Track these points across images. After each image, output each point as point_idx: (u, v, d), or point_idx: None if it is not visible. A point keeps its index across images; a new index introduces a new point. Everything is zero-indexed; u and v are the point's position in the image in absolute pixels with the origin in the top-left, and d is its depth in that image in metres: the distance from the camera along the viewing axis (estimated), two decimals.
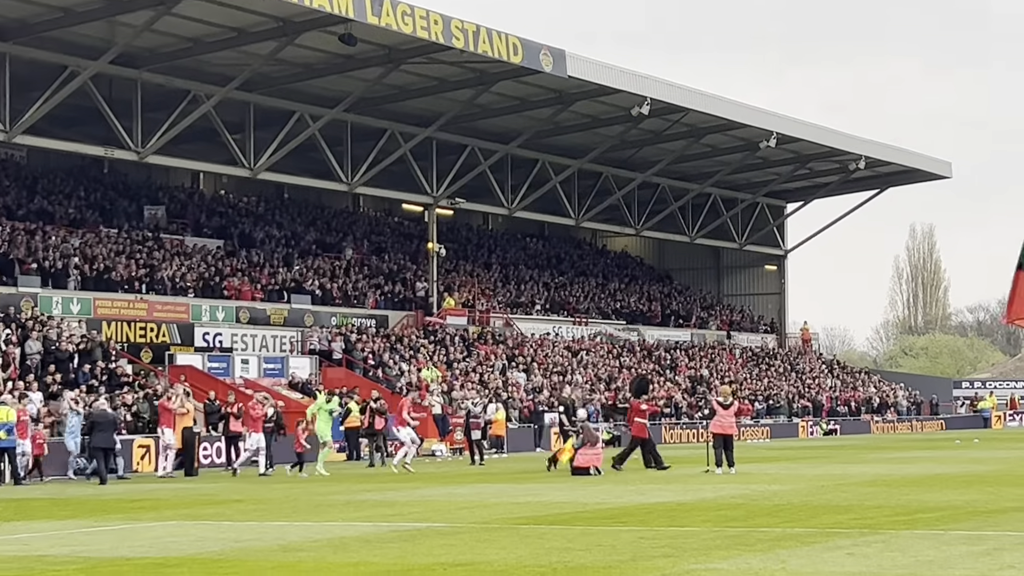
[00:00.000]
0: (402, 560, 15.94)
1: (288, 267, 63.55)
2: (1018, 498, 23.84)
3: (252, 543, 18.47)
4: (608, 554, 16.09)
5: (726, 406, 34.61)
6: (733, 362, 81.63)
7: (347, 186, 63.38)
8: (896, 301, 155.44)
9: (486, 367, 62.24)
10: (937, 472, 33.32)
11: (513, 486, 30.61)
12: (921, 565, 14.47)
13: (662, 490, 28.05)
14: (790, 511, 22.14)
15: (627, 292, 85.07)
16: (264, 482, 35.02)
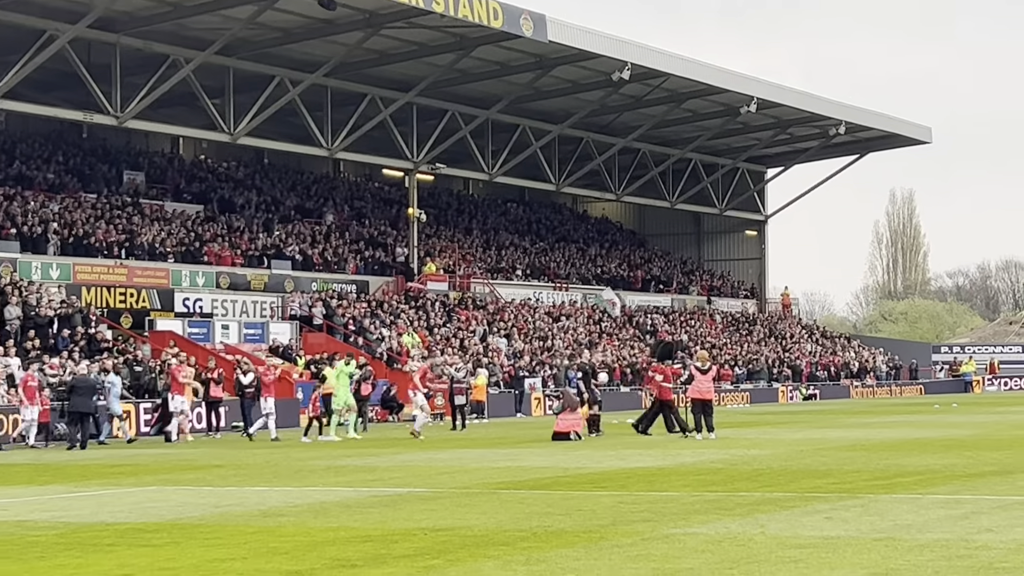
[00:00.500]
0: (383, 525, 15.97)
1: (268, 232, 63.44)
2: (996, 462, 23.96)
3: (232, 508, 18.47)
4: (588, 518, 16.13)
5: (704, 371, 34.66)
6: (713, 327, 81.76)
7: (327, 151, 63.23)
8: (876, 266, 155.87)
9: (467, 332, 62.26)
10: (916, 436, 33.44)
11: (494, 451, 30.66)
12: (899, 528, 14.53)
13: (642, 455, 28.12)
14: (769, 476, 22.21)
15: (608, 257, 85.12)
16: (245, 447, 34.99)
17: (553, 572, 11.94)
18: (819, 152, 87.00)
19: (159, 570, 12.63)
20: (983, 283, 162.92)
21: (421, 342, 56.97)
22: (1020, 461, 24.00)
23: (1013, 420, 42.15)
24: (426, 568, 12.38)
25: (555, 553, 13.16)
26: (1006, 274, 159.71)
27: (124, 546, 14.55)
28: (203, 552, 13.87)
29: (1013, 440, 31.03)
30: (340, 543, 14.33)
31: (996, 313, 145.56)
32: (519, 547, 13.68)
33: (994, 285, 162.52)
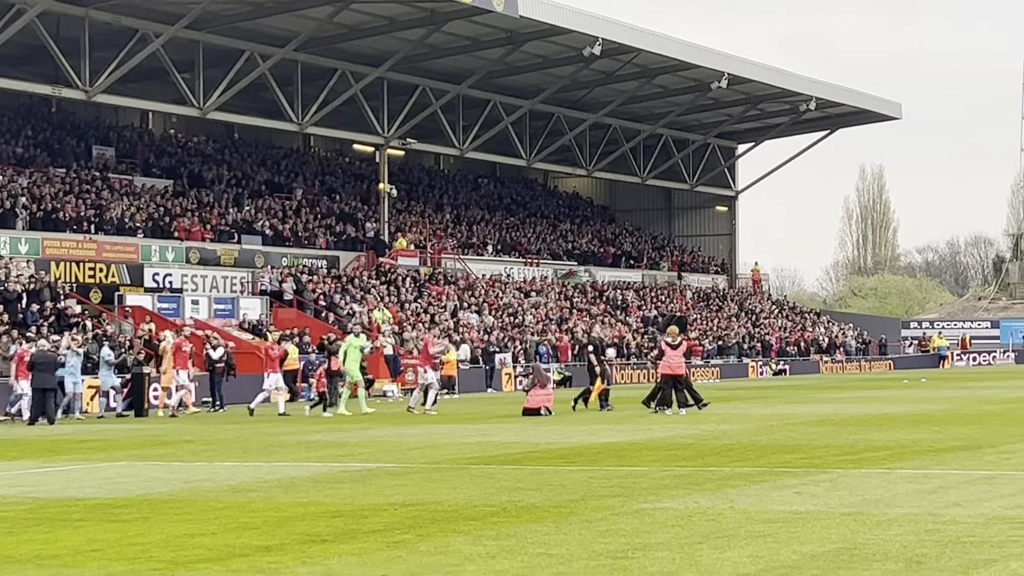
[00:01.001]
0: (352, 500, 15.96)
1: (238, 207, 63.27)
2: (964, 437, 24.07)
3: (202, 483, 18.44)
4: (558, 493, 16.15)
5: (675, 346, 34.71)
6: (684, 303, 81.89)
7: (297, 126, 63.07)
8: (846, 242, 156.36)
9: (438, 308, 62.23)
10: (884, 412, 33.57)
11: (464, 427, 30.66)
12: (868, 503, 14.59)
13: (612, 430, 28.17)
14: (739, 451, 22.27)
15: (578, 233, 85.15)
16: (215, 422, 34.92)
17: (523, 547, 11.95)
18: (789, 128, 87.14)
19: (128, 545, 12.60)
20: (952, 259, 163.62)
21: (392, 317, 56.92)
22: (988, 436, 24.12)
23: (981, 395, 42.34)
24: (396, 543, 12.38)
25: (525, 528, 13.18)
26: (975, 250, 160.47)
27: (93, 521, 14.51)
28: (173, 527, 13.84)
29: (981, 415, 31.17)
30: (310, 518, 14.33)
31: (965, 289, 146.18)
32: (489, 522, 13.69)
33: (963, 261, 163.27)
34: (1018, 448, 21.39)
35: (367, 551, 11.95)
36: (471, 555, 11.56)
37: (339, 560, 11.48)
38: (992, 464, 18.91)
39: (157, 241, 56.06)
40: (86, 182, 57.97)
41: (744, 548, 11.59)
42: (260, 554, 11.93)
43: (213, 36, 57.61)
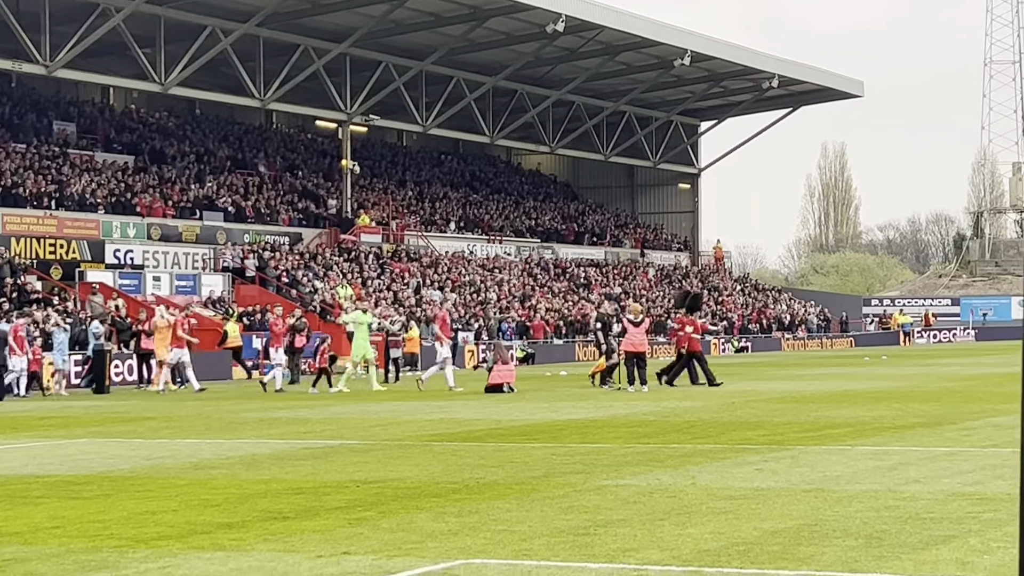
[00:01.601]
0: (315, 477, 15.96)
1: (200, 184, 63.00)
2: (924, 414, 24.21)
3: (164, 460, 18.40)
4: (521, 470, 16.18)
5: (637, 324, 34.77)
6: (646, 280, 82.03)
7: (260, 102, 62.83)
8: (808, 219, 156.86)
9: (400, 285, 62.16)
10: (845, 389, 33.73)
11: (427, 404, 30.66)
12: (828, 480, 14.67)
13: (575, 407, 28.22)
14: (701, 427, 22.35)
15: (541, 210, 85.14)
16: (177, 399, 34.81)
17: (485, 524, 11.97)
18: (752, 105, 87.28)
19: (90, 523, 12.57)
20: (913, 236, 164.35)
21: (355, 294, 56.79)
22: (948, 413, 24.26)
23: (941, 372, 42.59)
24: (358, 520, 12.38)
25: (487, 505, 13.20)
26: (936, 227, 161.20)
27: (54, 498, 14.46)
28: (134, 504, 13.81)
29: (941, 392, 31.35)
30: (272, 495, 14.32)
31: (926, 266, 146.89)
32: (451, 499, 13.71)
33: (924, 238, 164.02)
34: (977, 425, 21.53)
35: (329, 528, 11.95)
36: (433, 532, 11.58)
37: (301, 537, 11.48)
38: (952, 441, 19.03)
39: (118, 217, 55.76)
40: (47, 158, 57.62)
41: (705, 524, 11.64)
42: (222, 531, 11.92)
43: (174, 11, 57.28)
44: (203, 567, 10.18)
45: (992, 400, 27.32)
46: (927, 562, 9.71)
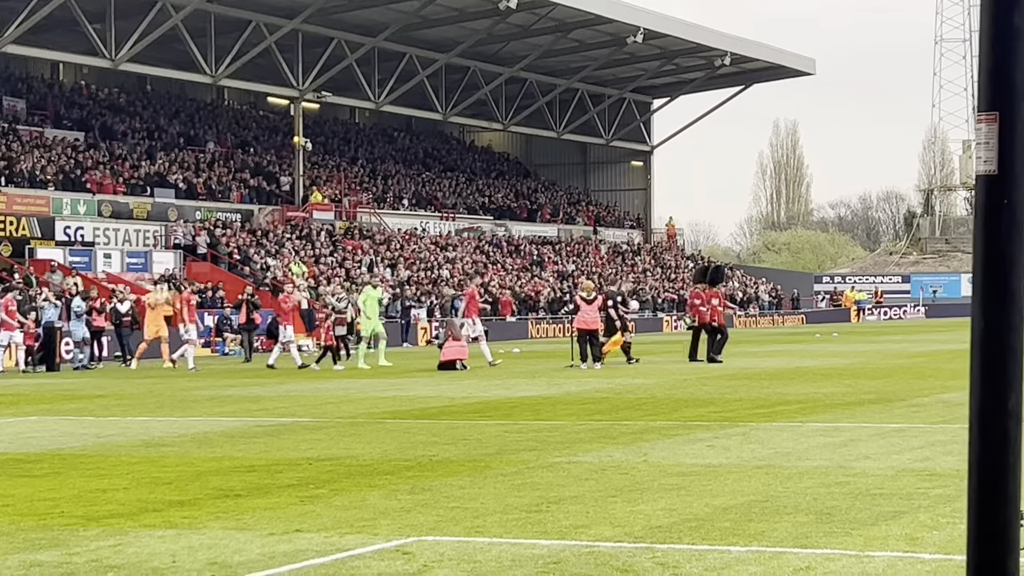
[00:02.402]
0: (267, 454, 15.92)
1: (151, 160, 62.65)
2: (874, 390, 24.36)
3: (115, 438, 18.32)
4: (473, 448, 16.19)
5: (589, 301, 34.85)
6: (599, 257, 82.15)
7: (211, 78, 62.49)
8: (760, 197, 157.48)
9: (353, 263, 62.04)
10: (797, 366, 33.90)
11: (379, 381, 30.64)
12: (779, 456, 14.74)
13: (528, 384, 28.26)
14: (653, 404, 22.42)
15: (494, 187, 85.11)
16: (128, 377, 34.66)
17: (437, 501, 11.97)
18: (705, 83, 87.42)
19: (40, 501, 12.50)
20: (864, 214, 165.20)
21: (307, 271, 56.70)
22: (898, 389, 24.42)
23: (891, 349, 42.85)
24: (310, 498, 12.37)
25: (440, 482, 13.21)
26: (887, 205, 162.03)
27: (3, 477, 14.38)
28: (85, 483, 13.74)
29: (891, 369, 31.56)
30: (224, 473, 14.28)
31: (877, 243, 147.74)
32: (404, 476, 13.71)
33: (875, 216, 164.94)
34: (927, 402, 21.68)
35: (281, 506, 11.93)
36: (386, 510, 11.58)
37: (252, 515, 11.45)
38: (901, 417, 19.15)
39: (69, 194, 55.41)
40: None
41: (657, 501, 11.67)
42: (173, 509, 11.88)
43: None
44: (154, 545, 10.14)
45: (941, 377, 27.51)
46: (877, 538, 9.77)
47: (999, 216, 2.78)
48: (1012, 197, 2.78)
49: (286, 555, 9.65)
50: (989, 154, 2.79)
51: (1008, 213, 2.78)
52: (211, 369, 37.46)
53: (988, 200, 2.80)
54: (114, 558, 9.68)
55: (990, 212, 2.81)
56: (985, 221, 2.80)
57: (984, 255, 2.81)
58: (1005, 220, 2.77)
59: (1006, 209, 2.77)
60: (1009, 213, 2.78)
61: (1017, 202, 2.78)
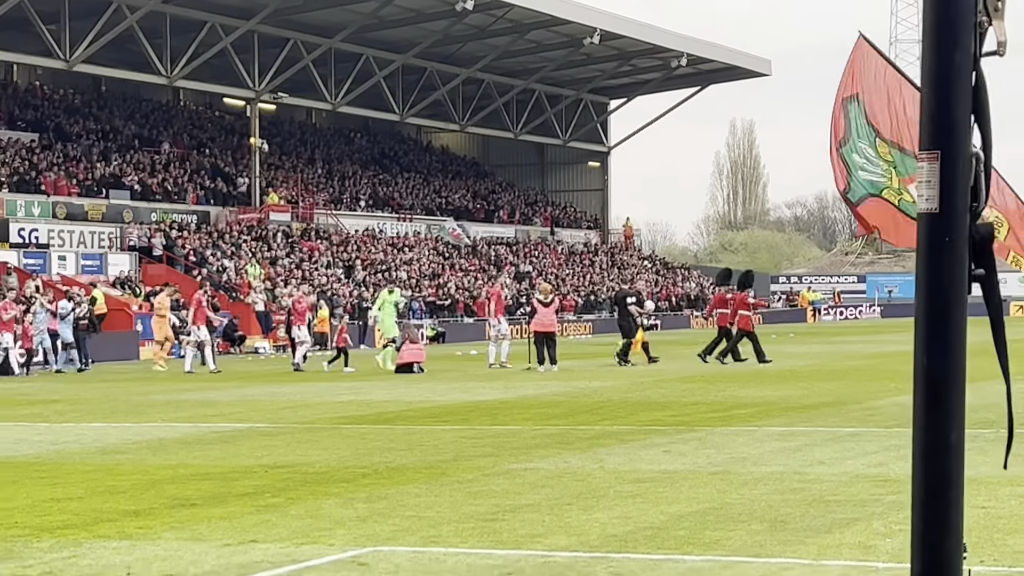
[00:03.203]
0: (223, 462, 15.89)
1: (106, 162, 62.35)
2: (829, 393, 24.49)
3: (70, 445, 18.25)
4: (430, 453, 16.21)
5: (546, 304, 34.91)
6: (556, 258, 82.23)
7: (167, 79, 62.21)
8: (717, 197, 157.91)
9: (310, 264, 61.90)
10: (752, 368, 34.02)
11: (337, 385, 30.61)
12: (735, 462, 14.81)
13: (485, 388, 28.28)
14: (610, 408, 22.48)
15: (451, 188, 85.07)
16: (83, 381, 34.49)
17: (394, 509, 11.98)
18: (661, 84, 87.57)
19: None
20: (821, 214, 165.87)
21: (263, 273, 56.56)
22: (853, 392, 24.56)
23: (847, 350, 43.07)
24: (266, 507, 12.36)
25: (396, 490, 13.22)
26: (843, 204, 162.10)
27: None
28: (39, 491, 13.68)
29: (847, 370, 31.74)
30: (179, 481, 14.25)
31: (833, 244, 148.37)
32: (360, 484, 13.71)
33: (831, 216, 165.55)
34: (881, 404, 21.82)
35: (236, 515, 11.91)
36: (342, 519, 11.58)
37: (208, 525, 11.44)
38: (856, 420, 19.27)
39: (23, 196, 55.06)
40: None
41: (613, 509, 11.71)
42: (128, 519, 11.85)
43: None
44: (109, 556, 10.12)
45: (896, 379, 27.65)
46: (831, 546, 9.84)
47: (941, 254, 2.82)
48: (954, 235, 2.81)
49: (241, 567, 9.65)
50: (931, 192, 2.83)
51: (950, 251, 2.81)
52: (167, 372, 37.31)
53: (930, 238, 2.84)
54: (68, 570, 9.65)
55: (932, 250, 2.84)
56: (927, 259, 2.84)
57: (926, 292, 2.84)
58: (947, 258, 2.81)
59: (947, 247, 2.81)
60: (951, 251, 2.81)
61: (958, 240, 2.82)
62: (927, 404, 2.84)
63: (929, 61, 2.82)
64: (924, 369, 2.83)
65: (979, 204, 2.84)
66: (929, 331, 2.84)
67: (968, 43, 2.81)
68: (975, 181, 2.84)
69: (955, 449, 2.78)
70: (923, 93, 2.85)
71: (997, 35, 2.92)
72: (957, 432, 2.79)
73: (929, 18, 2.82)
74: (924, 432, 2.86)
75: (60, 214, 55.80)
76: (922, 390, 2.86)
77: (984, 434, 16.05)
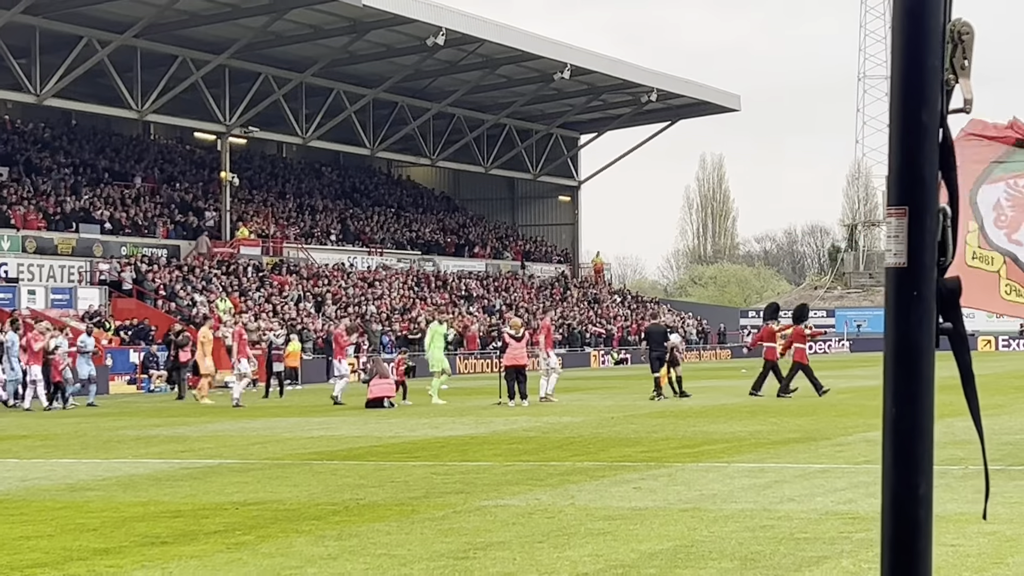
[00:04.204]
0: (193, 499, 15.84)
1: (77, 196, 62.23)
2: (799, 428, 24.54)
3: (39, 482, 18.16)
4: (401, 490, 16.19)
5: (517, 338, 34.95)
6: (527, 292, 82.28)
7: (137, 113, 62.20)
8: (686, 231, 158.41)
9: (280, 298, 61.84)
10: (723, 403, 34.09)
11: (307, 420, 30.55)
12: (705, 499, 14.83)
13: (455, 423, 28.27)
14: (580, 444, 22.49)
15: (422, 222, 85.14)
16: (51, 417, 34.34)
17: (365, 547, 11.97)
18: (631, 119, 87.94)
19: None
20: (790, 248, 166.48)
21: (234, 307, 56.46)
22: (822, 428, 24.62)
23: None
24: (237, 544, 12.32)
25: (368, 527, 13.20)
26: (812, 239, 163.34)
27: None
28: (8, 529, 13.62)
29: (816, 406, 31.79)
30: (150, 519, 14.19)
31: (802, 278, 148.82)
32: (331, 521, 13.69)
33: (800, 250, 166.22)
34: (851, 440, 21.88)
35: (207, 553, 11.88)
36: (312, 557, 11.55)
37: (179, 563, 11.40)
38: (826, 457, 19.32)
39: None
40: None
41: (584, 547, 11.72)
42: (98, 557, 11.80)
43: (50, 21, 56.57)
44: None
45: (865, 414, 27.73)
46: None
47: (909, 308, 2.87)
48: (922, 289, 2.87)
49: None
50: (899, 247, 2.88)
51: (918, 304, 2.86)
52: (137, 407, 37.20)
53: (898, 292, 2.89)
54: None
55: (900, 304, 2.89)
56: (896, 312, 2.89)
57: (895, 345, 2.89)
58: (915, 311, 2.86)
59: (916, 301, 2.86)
60: (919, 304, 2.86)
61: (927, 294, 2.87)
62: (896, 456, 2.89)
63: (896, 119, 2.88)
64: (893, 420, 2.88)
65: (946, 259, 2.90)
66: (898, 383, 2.88)
67: (935, 102, 2.87)
68: (943, 236, 2.90)
69: (924, 500, 2.83)
70: (890, 150, 2.91)
71: (963, 93, 2.98)
72: (926, 483, 2.84)
73: (896, 77, 2.88)
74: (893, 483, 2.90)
75: (30, 248, 55.66)
76: (891, 442, 2.90)
77: (952, 471, 16.13)
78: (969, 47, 2.95)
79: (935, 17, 2.88)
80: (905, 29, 2.88)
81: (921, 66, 2.86)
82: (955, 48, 2.94)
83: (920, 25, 2.86)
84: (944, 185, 2.91)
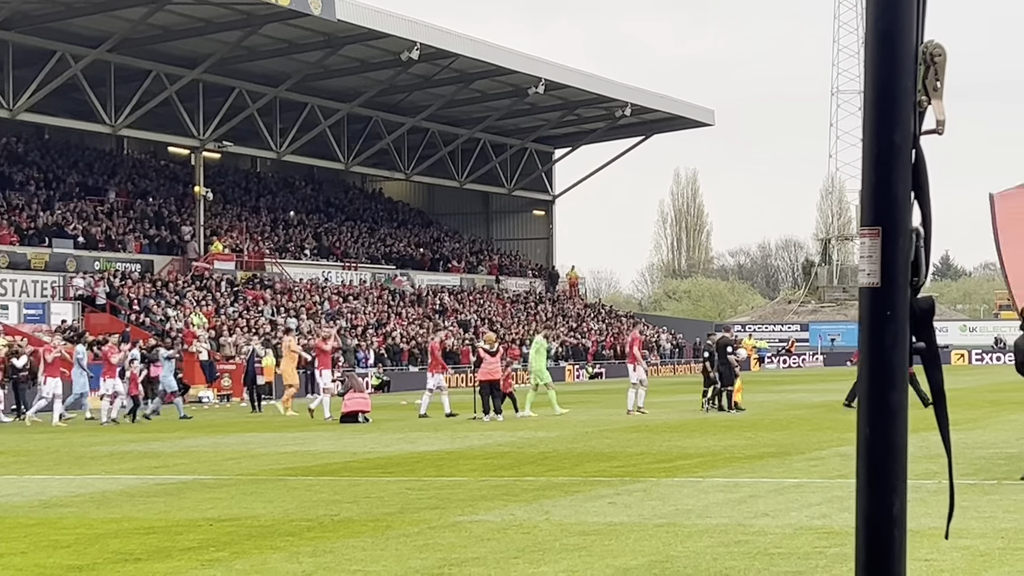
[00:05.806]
0: (167, 515, 15.79)
1: (49, 210, 62.03)
2: (773, 443, 24.58)
3: (11, 498, 18.10)
4: (376, 506, 16.17)
5: (492, 353, 34.95)
6: (502, 306, 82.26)
7: (111, 128, 62.05)
8: (661, 245, 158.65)
9: (255, 313, 61.70)
10: (697, 417, 34.11)
11: (282, 435, 30.49)
12: (680, 514, 14.84)
13: (430, 438, 28.24)
14: (555, 459, 22.48)
15: (397, 237, 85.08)
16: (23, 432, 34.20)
17: (340, 564, 11.95)
18: (606, 133, 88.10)
19: None
20: (764, 262, 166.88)
21: (207, 322, 56.33)
22: (796, 442, 24.66)
23: (790, 399, 43.20)
24: (211, 561, 12.29)
25: (342, 543, 13.18)
26: (786, 253, 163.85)
27: None
28: None
29: (790, 420, 31.85)
30: (123, 535, 14.15)
31: (776, 292, 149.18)
32: (306, 537, 13.66)
33: (774, 264, 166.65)
34: (825, 455, 21.91)
35: (181, 570, 11.85)
36: (287, 573, 11.54)
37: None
38: (800, 471, 19.35)
39: None
40: None
41: (559, 562, 11.72)
42: (72, 574, 11.78)
43: (23, 36, 56.42)
44: None
45: (839, 428, 27.78)
46: None
47: (883, 327, 2.88)
48: (895, 309, 2.88)
49: None
50: (872, 267, 2.90)
51: (891, 324, 2.88)
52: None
53: (872, 312, 2.90)
54: None
55: (874, 324, 2.90)
56: (870, 332, 2.90)
57: (869, 365, 2.90)
58: (889, 331, 2.87)
59: (889, 320, 2.88)
60: (892, 324, 2.88)
61: (900, 313, 2.88)
62: (869, 475, 2.90)
63: (870, 140, 2.90)
64: (866, 440, 2.89)
65: (919, 278, 2.91)
66: (871, 402, 2.90)
67: (908, 123, 2.89)
68: (915, 256, 2.91)
69: (898, 519, 2.84)
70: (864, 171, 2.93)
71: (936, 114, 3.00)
72: (900, 502, 2.85)
73: (869, 98, 2.90)
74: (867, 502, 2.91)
75: (2, 263, 55.44)
76: (864, 461, 2.92)
77: (926, 485, 16.17)
78: (941, 69, 2.97)
79: (908, 39, 2.90)
80: (878, 51, 2.90)
81: (894, 88, 2.88)
82: (927, 70, 2.96)
83: (893, 47, 2.88)
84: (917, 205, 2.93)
